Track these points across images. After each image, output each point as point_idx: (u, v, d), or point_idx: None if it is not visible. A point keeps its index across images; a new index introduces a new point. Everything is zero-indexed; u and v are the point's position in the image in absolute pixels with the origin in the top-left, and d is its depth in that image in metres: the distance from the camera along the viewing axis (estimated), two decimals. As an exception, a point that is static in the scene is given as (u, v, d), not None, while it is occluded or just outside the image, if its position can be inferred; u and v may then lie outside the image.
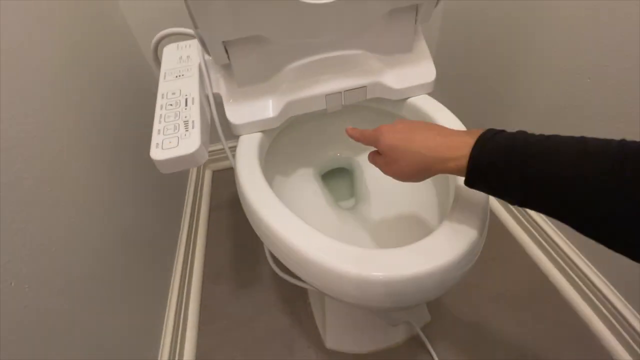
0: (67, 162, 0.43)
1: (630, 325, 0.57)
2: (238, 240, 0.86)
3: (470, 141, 0.28)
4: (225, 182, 1.04)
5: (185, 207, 0.87)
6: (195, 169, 0.99)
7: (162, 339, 0.61)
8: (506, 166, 0.25)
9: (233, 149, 0.51)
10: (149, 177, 0.67)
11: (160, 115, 0.43)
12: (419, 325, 0.64)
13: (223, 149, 1.04)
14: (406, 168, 0.33)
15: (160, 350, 0.59)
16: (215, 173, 1.08)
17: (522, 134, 0.27)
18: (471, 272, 0.35)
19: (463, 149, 0.28)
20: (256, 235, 0.42)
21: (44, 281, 0.36)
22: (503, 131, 0.28)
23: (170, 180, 0.82)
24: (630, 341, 0.58)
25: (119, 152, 0.58)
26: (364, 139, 0.39)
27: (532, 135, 0.26)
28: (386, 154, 0.34)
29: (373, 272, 0.31)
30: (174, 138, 0.40)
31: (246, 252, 0.82)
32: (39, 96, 0.40)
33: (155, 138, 0.40)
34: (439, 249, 0.33)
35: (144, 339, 0.56)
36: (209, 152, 1.11)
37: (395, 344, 0.64)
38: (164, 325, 0.63)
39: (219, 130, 0.50)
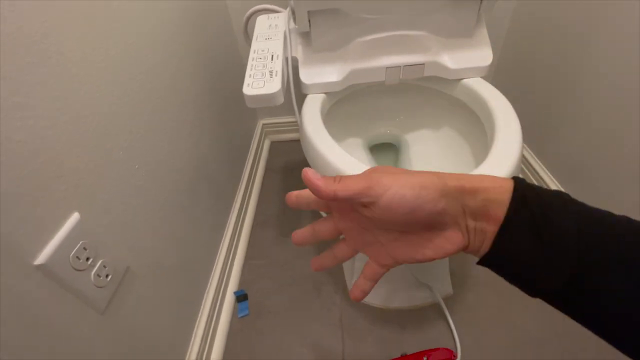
0: (167, 110, 0.56)
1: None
2: (284, 200, 0.96)
3: (498, 178, 0.21)
4: (280, 152, 1.16)
5: (246, 165, 1.00)
6: (256, 137, 1.12)
7: (216, 261, 0.73)
8: (563, 207, 0.19)
9: (294, 123, 0.60)
10: (223, 131, 0.81)
11: (252, 65, 0.54)
12: (441, 295, 0.68)
13: (282, 122, 1.17)
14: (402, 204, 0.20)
15: (214, 267, 0.72)
16: (273, 143, 1.21)
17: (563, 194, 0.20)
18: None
19: (497, 181, 0.20)
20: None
21: (151, 175, 0.49)
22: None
23: (239, 141, 0.95)
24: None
25: (204, 108, 0.71)
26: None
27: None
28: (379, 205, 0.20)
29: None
30: (261, 81, 0.50)
31: (290, 211, 0.93)
32: (152, 59, 0.53)
33: (247, 80, 0.51)
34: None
35: (205, 252, 0.69)
36: (271, 124, 1.24)
37: (415, 306, 0.69)
38: (220, 248, 0.75)
39: (291, 85, 0.59)
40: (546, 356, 0.61)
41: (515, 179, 0.20)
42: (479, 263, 0.22)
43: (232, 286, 0.76)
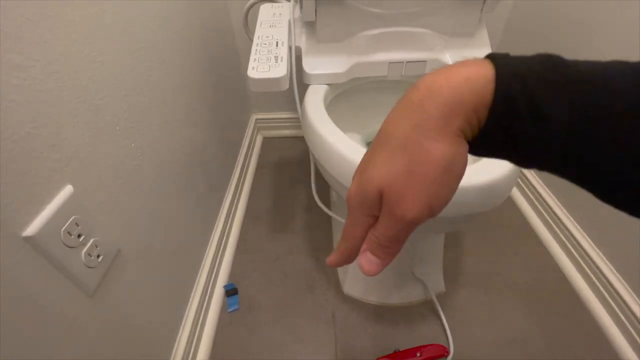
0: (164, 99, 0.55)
1: (645, 332, 0.58)
2: (276, 196, 0.95)
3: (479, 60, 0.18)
4: (272, 148, 1.15)
5: (238, 158, 0.98)
6: (249, 132, 1.10)
7: (207, 252, 0.71)
8: (553, 72, 0.16)
9: (287, 119, 0.59)
10: (218, 120, 0.79)
11: (256, 50, 0.53)
12: (434, 292, 0.69)
13: (276, 118, 1.16)
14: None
15: (204, 259, 0.69)
16: (265, 139, 1.19)
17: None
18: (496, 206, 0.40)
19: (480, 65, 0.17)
20: (291, 192, 0.49)
21: (147, 155, 0.47)
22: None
23: (232, 133, 0.93)
24: (643, 348, 0.59)
25: (200, 94, 0.70)
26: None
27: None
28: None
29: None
30: (266, 66, 0.49)
31: (282, 206, 0.91)
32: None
33: (252, 64, 0.50)
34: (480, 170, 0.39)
35: (196, 243, 0.66)
36: (264, 119, 1.22)
37: (408, 302, 0.69)
38: (210, 239, 0.73)
39: (294, 74, 0.59)
40: (535, 352, 0.62)
41: (497, 69, 0.17)
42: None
43: (222, 280, 0.73)
